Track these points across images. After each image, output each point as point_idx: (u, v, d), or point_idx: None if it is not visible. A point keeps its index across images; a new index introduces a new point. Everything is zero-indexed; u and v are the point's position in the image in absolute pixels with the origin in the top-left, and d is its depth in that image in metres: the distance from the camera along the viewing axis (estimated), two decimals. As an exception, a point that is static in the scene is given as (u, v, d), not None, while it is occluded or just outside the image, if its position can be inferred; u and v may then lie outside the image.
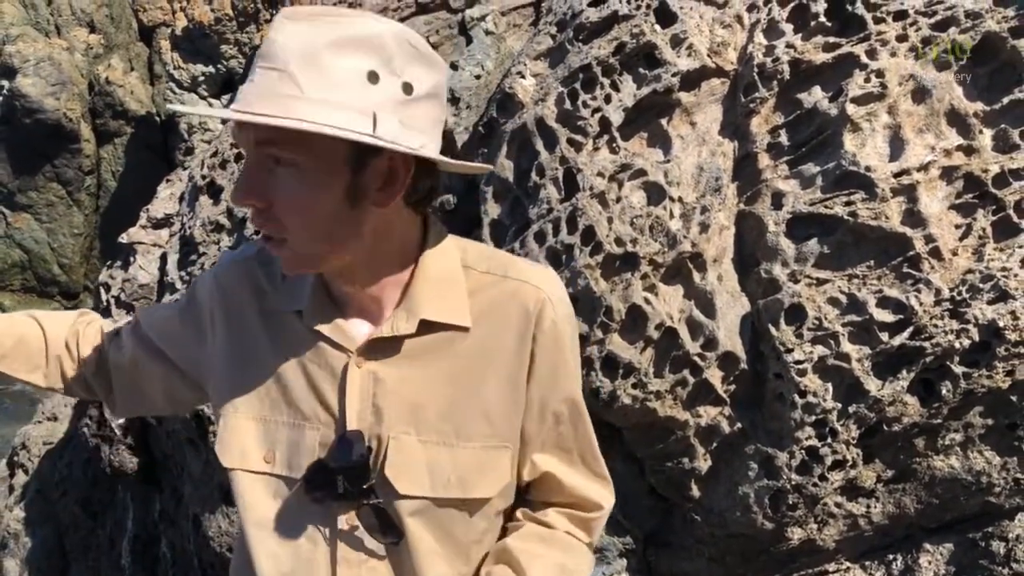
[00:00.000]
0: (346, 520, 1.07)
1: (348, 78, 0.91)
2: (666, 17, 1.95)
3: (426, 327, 1.06)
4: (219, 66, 11.71)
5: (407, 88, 0.94)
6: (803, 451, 1.75)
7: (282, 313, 1.11)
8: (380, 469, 1.05)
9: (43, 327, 1.26)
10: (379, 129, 0.91)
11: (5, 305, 11.31)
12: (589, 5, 2.04)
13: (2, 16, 11.17)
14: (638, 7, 1.96)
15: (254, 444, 1.11)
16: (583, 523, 1.18)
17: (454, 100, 2.26)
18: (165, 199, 2.65)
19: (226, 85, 11.70)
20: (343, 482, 1.02)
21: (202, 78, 11.83)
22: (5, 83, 10.95)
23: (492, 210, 2.04)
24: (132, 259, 2.63)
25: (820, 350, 1.73)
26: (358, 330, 1.08)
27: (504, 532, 1.17)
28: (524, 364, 1.09)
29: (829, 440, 1.74)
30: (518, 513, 1.18)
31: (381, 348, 1.06)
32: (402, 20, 2.35)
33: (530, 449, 1.13)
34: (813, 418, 1.73)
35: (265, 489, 1.10)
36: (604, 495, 1.19)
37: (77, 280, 12.04)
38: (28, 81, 10.82)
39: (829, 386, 1.73)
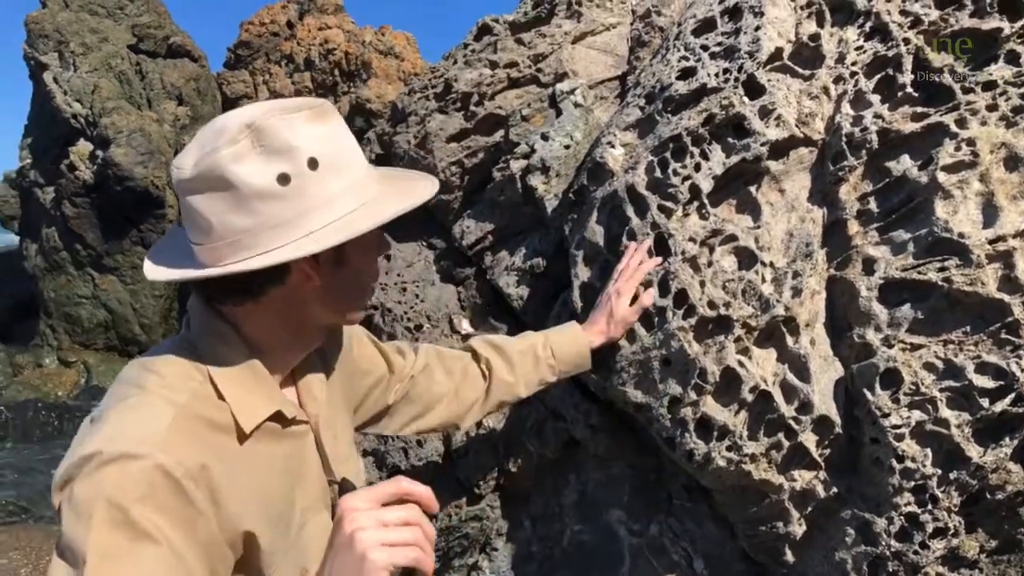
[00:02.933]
0: None
1: None
2: (754, 89, 2.02)
3: None
4: (297, 136, 12.27)
5: None
6: (902, 517, 1.73)
7: (255, 432, 1.09)
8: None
9: None
10: None
11: (89, 363, 11.79)
12: (678, 79, 2.13)
13: (100, 91, 11.94)
14: (726, 80, 2.04)
15: None
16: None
17: (544, 169, 2.35)
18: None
19: (303, 154, 12.21)
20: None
21: (281, 147, 12.38)
22: (100, 153, 11.64)
23: (582, 273, 2.11)
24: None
25: (917, 415, 1.72)
26: (301, 397, 1.26)
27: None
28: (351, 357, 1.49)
29: (929, 507, 1.71)
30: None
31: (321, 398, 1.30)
32: (495, 95, 2.48)
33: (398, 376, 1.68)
34: (912, 484, 1.71)
35: None
36: None
37: (156, 340, 12.50)
38: (120, 151, 11.48)
39: (928, 452, 1.71)
